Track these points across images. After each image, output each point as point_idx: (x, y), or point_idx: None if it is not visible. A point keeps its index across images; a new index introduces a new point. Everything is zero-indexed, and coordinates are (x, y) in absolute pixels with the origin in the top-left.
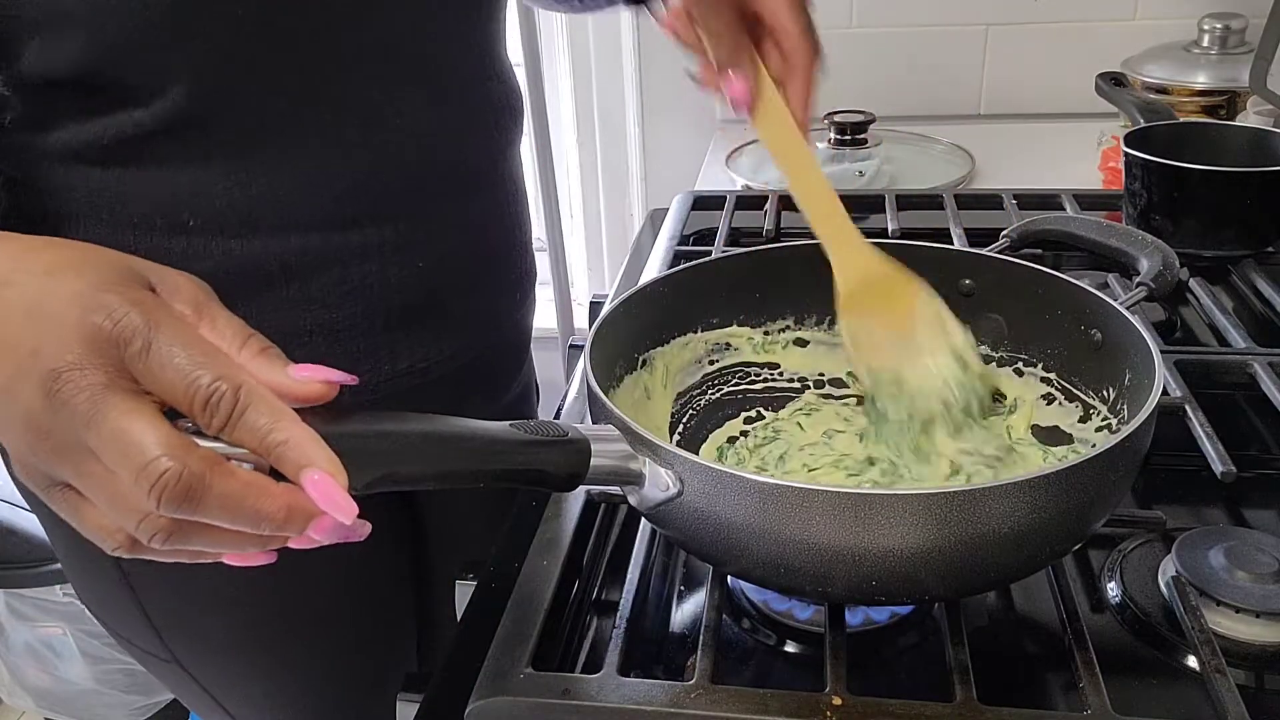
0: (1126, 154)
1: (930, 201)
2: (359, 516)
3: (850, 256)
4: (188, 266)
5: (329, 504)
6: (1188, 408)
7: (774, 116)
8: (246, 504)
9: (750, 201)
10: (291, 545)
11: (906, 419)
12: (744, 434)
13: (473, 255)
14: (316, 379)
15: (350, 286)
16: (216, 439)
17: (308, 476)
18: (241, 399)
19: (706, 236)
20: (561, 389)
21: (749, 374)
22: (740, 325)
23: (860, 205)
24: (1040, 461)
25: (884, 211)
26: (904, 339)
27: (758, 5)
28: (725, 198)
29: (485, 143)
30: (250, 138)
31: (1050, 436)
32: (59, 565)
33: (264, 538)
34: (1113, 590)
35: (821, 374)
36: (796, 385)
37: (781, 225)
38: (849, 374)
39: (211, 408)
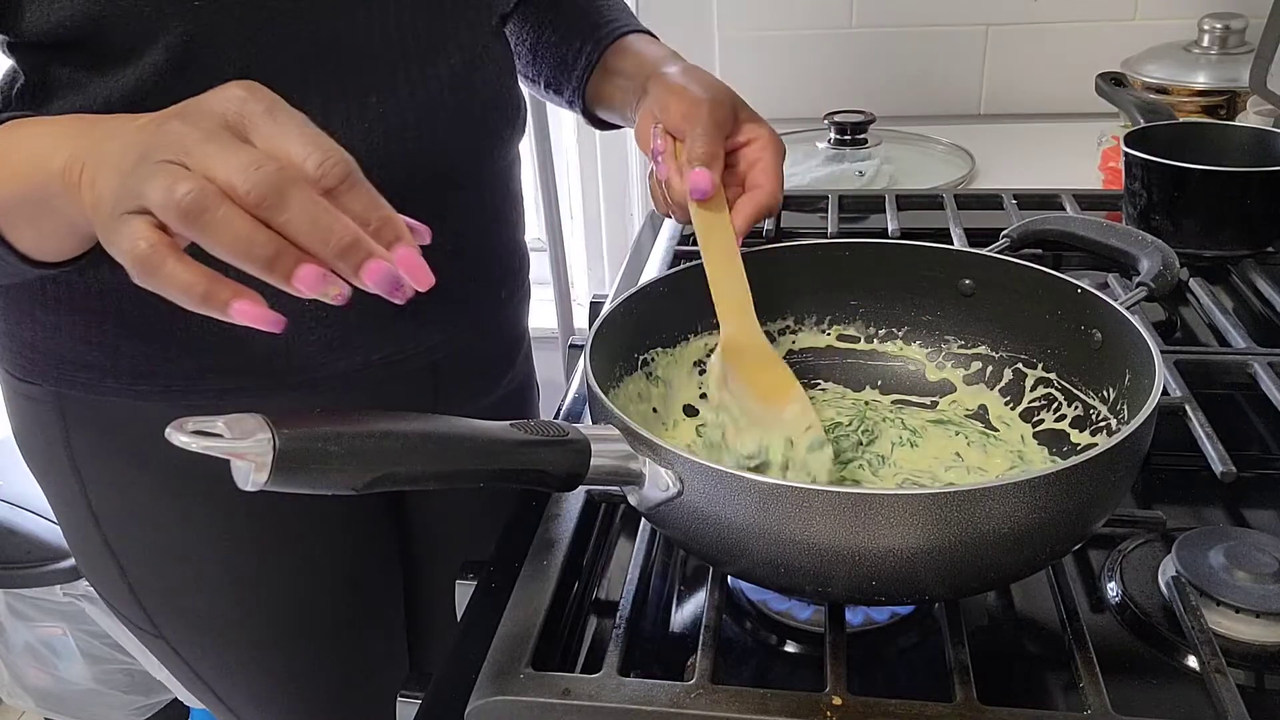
0: (1126, 154)
1: (930, 201)
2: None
3: (742, 326)
4: None
5: (415, 272)
6: (1188, 408)
7: (716, 207)
8: (322, 220)
9: None
10: (329, 296)
11: (720, 442)
12: None
13: (452, 251)
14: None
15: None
16: None
17: (399, 249)
18: (353, 174)
19: None
20: (561, 389)
21: None
22: None
23: (860, 205)
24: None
25: (884, 211)
26: (768, 408)
27: (747, 143)
28: None
29: (471, 140)
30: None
31: (1049, 437)
32: (59, 565)
33: (312, 267)
34: (1113, 590)
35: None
36: None
37: (781, 225)
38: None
39: (326, 169)
